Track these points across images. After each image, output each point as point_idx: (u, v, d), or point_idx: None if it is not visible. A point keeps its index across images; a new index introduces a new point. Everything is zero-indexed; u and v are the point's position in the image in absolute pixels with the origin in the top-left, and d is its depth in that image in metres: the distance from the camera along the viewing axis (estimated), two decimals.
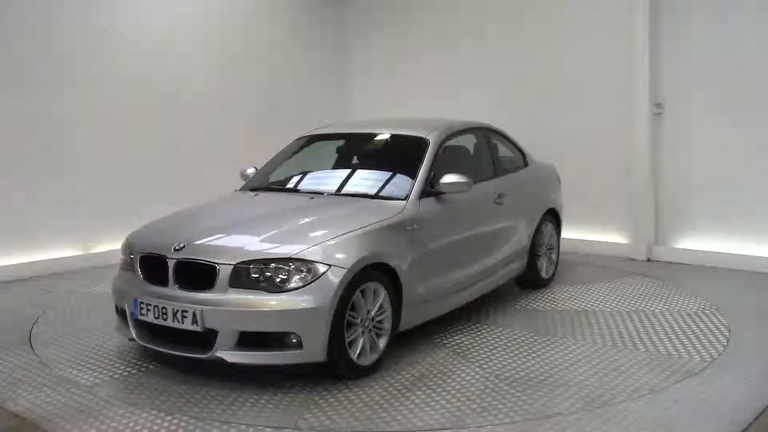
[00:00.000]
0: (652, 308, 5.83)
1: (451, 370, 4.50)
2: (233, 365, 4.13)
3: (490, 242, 5.75)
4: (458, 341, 5.08)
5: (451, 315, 5.48)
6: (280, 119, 9.51)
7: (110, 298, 4.93)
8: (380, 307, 4.47)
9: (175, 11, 8.58)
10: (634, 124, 7.75)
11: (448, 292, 5.18)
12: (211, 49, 8.95)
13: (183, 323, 4.16)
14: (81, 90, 7.72)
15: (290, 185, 5.67)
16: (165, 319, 4.24)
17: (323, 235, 4.35)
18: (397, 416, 3.84)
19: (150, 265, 4.47)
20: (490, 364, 4.61)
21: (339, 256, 4.20)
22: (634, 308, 5.82)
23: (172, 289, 4.29)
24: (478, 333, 5.26)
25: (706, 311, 5.74)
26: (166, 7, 8.50)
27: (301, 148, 6.17)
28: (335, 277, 4.11)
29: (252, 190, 5.68)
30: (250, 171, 6.07)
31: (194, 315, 4.11)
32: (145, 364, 4.67)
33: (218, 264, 4.16)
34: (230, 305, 4.07)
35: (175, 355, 4.33)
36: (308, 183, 5.64)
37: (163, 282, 4.34)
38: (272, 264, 4.11)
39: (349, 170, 5.74)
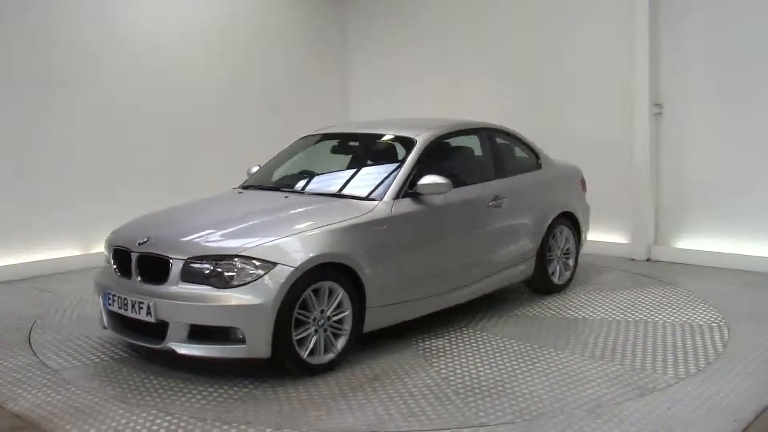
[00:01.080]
0: (652, 316, 5.67)
1: (407, 373, 4.47)
2: (183, 357, 4.27)
3: (480, 245, 5.61)
4: (433, 345, 5.01)
5: (441, 317, 5.45)
6: (280, 119, 9.51)
7: None
8: (339, 306, 4.49)
9: (175, 11, 8.58)
10: (633, 123, 7.74)
11: (424, 295, 5.11)
12: (210, 49, 8.95)
13: (140, 314, 4.38)
14: (81, 90, 7.73)
15: (277, 183, 5.73)
16: (126, 310, 4.47)
17: (277, 233, 4.42)
18: (323, 416, 3.85)
19: (119, 258, 4.71)
20: (450, 370, 4.52)
21: (287, 254, 4.27)
22: (633, 316, 5.64)
23: (134, 282, 4.52)
24: (459, 337, 5.16)
25: (706, 312, 5.73)
26: (166, 8, 8.49)
27: (303, 147, 6.20)
28: (281, 275, 4.18)
29: (244, 188, 5.78)
30: (254, 169, 6.15)
31: (148, 307, 4.31)
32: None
33: (171, 258, 4.34)
34: (180, 298, 4.23)
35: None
36: (294, 182, 5.68)
37: (129, 274, 4.57)
38: (221, 260, 4.23)
39: (339, 169, 5.73)
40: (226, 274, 4.19)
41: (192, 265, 4.27)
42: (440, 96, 9.41)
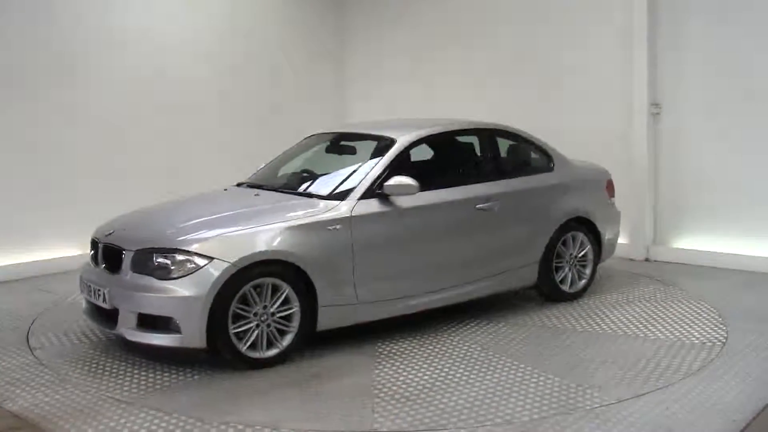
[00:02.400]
0: (648, 322, 5.46)
1: (348, 375, 4.47)
2: (132, 343, 4.58)
3: (462, 249, 5.42)
4: (395, 347, 4.95)
5: (424, 318, 5.38)
6: (279, 119, 9.51)
7: None
8: (286, 303, 4.57)
9: (175, 12, 8.57)
10: (632, 124, 7.74)
11: (389, 297, 5.04)
12: (210, 49, 8.94)
13: (99, 300, 4.72)
14: (81, 90, 7.72)
15: (264, 182, 5.77)
16: (90, 296, 4.84)
17: (223, 229, 4.63)
18: (232, 408, 3.97)
19: (94, 248, 5.07)
20: (391, 374, 4.47)
21: (225, 249, 4.44)
22: (626, 325, 5.38)
23: (99, 270, 4.87)
24: (425, 341, 5.07)
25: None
26: (166, 8, 8.49)
27: (304, 146, 6.23)
28: (216, 270, 4.35)
29: (238, 185, 5.87)
30: (262, 167, 6.22)
31: (104, 294, 4.65)
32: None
33: (124, 250, 4.66)
34: (128, 287, 4.54)
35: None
36: (280, 180, 5.75)
37: (98, 264, 4.94)
38: (163, 253, 4.49)
39: (327, 168, 5.70)
40: (167, 266, 4.44)
41: (140, 256, 4.55)
42: (440, 96, 9.41)
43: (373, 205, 4.99)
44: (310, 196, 5.14)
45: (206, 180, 8.13)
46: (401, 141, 5.36)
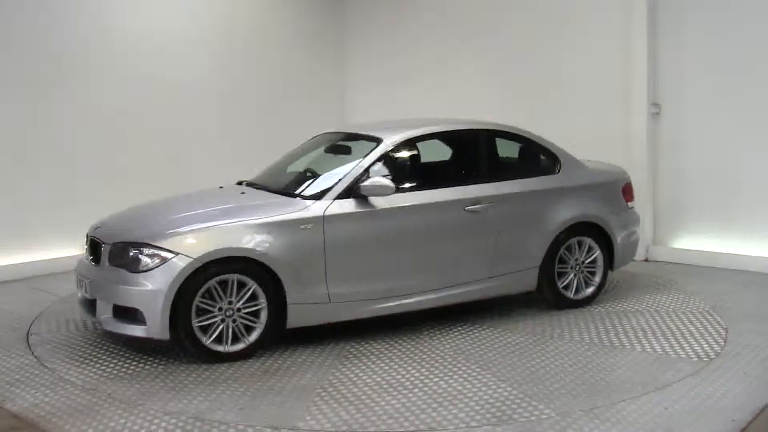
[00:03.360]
0: (645, 322, 5.47)
1: (305, 373, 4.49)
2: (110, 332, 4.84)
3: (446, 252, 5.32)
4: (367, 348, 4.92)
5: (414, 319, 5.36)
6: (279, 119, 9.51)
7: None
8: (254, 300, 4.67)
9: (174, 11, 8.57)
10: (632, 123, 7.75)
11: (364, 298, 5.02)
12: (210, 48, 8.94)
13: (82, 290, 4.99)
14: (81, 90, 7.72)
15: (259, 181, 5.82)
16: (77, 286, 5.12)
17: (194, 225, 4.77)
18: (170, 398, 4.12)
19: (86, 242, 5.26)
20: (344, 376, 4.43)
21: (190, 245, 4.59)
22: (620, 332, 5.23)
23: (87, 262, 5.11)
24: (401, 344, 5.00)
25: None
26: (166, 7, 8.49)
27: (307, 146, 6.23)
28: (179, 264, 4.51)
29: (238, 184, 5.91)
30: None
31: (85, 285, 4.91)
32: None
33: (103, 243, 4.88)
34: (103, 279, 4.78)
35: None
36: (273, 179, 5.77)
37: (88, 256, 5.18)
38: (133, 247, 4.68)
39: (320, 168, 5.70)
40: (136, 259, 4.62)
41: (116, 250, 4.76)
42: (439, 96, 9.40)
43: (349, 206, 5.01)
44: (293, 195, 5.18)
45: (206, 180, 8.12)
46: (386, 142, 5.36)
